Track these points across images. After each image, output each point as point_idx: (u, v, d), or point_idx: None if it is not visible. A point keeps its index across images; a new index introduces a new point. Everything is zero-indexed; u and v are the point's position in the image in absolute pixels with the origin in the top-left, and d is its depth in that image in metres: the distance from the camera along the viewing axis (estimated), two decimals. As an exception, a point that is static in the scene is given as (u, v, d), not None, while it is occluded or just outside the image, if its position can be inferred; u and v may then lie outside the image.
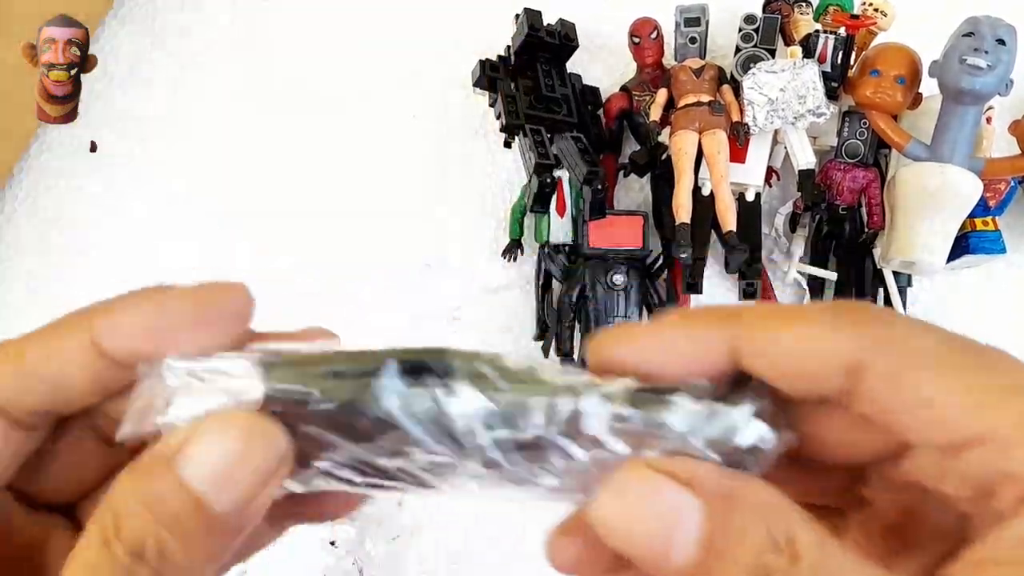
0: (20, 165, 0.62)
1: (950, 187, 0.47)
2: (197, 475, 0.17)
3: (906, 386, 0.18)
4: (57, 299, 0.61)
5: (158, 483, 0.17)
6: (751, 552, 0.17)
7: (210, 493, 0.17)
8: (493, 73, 0.55)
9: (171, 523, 0.17)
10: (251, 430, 0.18)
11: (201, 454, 0.17)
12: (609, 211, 0.53)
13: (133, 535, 0.17)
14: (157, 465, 0.17)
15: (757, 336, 0.19)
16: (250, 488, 0.17)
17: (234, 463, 0.17)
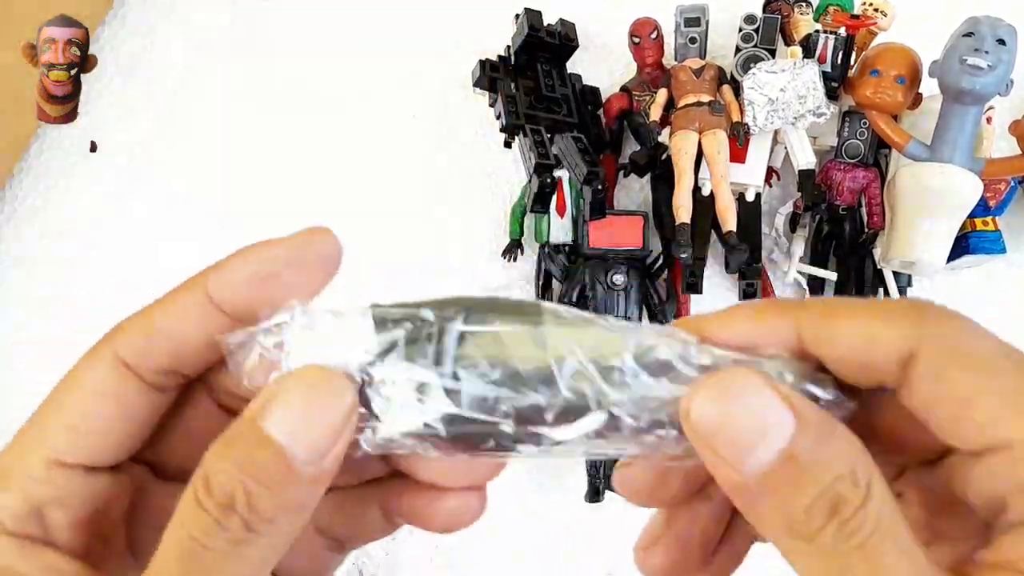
0: (20, 165, 0.62)
1: (950, 187, 0.47)
2: (277, 428, 0.18)
3: (948, 382, 0.18)
4: (57, 299, 0.61)
5: (244, 439, 0.18)
6: (830, 475, 0.17)
7: (290, 445, 0.18)
8: (493, 73, 0.55)
9: (257, 474, 0.18)
10: (322, 384, 0.19)
11: (280, 409, 0.18)
12: (609, 211, 0.53)
13: (222, 489, 0.18)
14: (243, 424, 0.19)
15: (821, 324, 0.19)
16: (325, 438, 0.18)
17: (309, 415, 0.18)
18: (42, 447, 0.20)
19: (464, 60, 0.57)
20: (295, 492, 0.18)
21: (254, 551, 0.18)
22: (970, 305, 0.56)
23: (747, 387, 0.18)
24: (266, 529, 0.18)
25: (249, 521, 0.18)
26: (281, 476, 0.18)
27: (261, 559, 0.18)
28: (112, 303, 0.60)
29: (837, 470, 0.18)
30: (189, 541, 0.18)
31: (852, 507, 0.17)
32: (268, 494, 0.18)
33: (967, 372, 0.18)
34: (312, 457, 0.18)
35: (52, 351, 0.60)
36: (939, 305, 0.19)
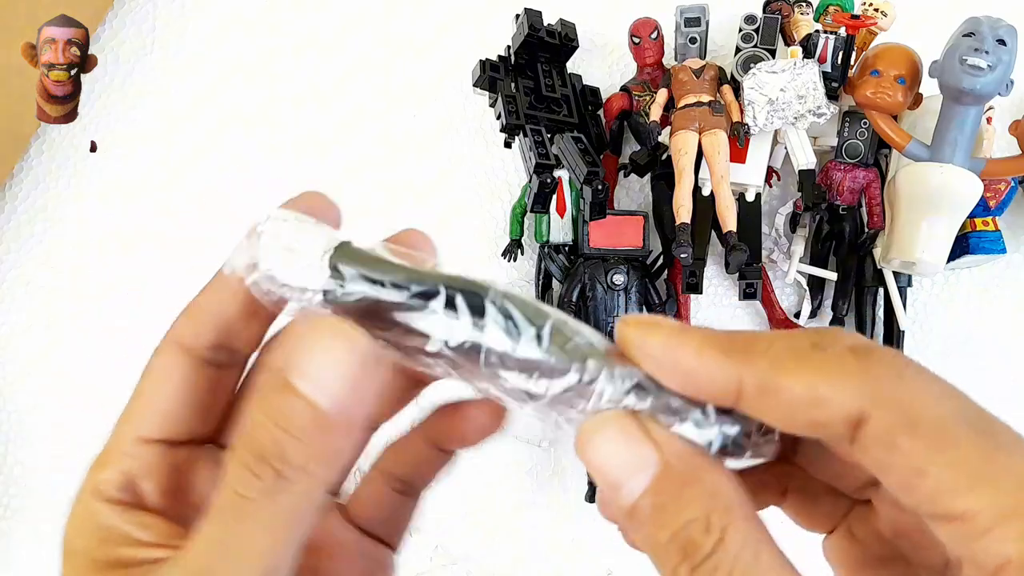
0: (20, 165, 0.62)
1: (950, 187, 0.47)
2: (302, 380, 0.19)
3: (900, 452, 0.18)
4: (57, 299, 0.61)
5: (274, 394, 0.20)
6: (682, 520, 0.19)
7: (314, 393, 0.19)
8: (493, 73, 0.55)
9: (287, 425, 0.19)
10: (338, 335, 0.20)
11: (303, 361, 0.20)
12: (609, 211, 0.53)
13: (255, 441, 0.19)
14: (272, 378, 0.20)
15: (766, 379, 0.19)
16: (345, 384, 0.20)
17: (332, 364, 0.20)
18: (130, 427, 0.23)
19: (464, 60, 0.57)
20: (324, 441, 0.19)
21: (287, 499, 0.19)
22: (970, 305, 0.57)
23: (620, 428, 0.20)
24: (297, 476, 0.19)
25: (280, 470, 0.19)
26: (309, 426, 0.19)
27: (295, 507, 0.19)
28: (113, 303, 0.61)
29: (691, 515, 0.19)
30: (230, 494, 0.19)
31: (703, 553, 0.18)
32: (297, 443, 0.19)
33: (919, 441, 0.18)
34: (336, 404, 0.19)
35: (53, 350, 0.61)
36: (890, 357, 0.19)
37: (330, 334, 0.20)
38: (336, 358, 0.20)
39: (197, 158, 0.62)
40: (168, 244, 0.61)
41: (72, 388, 0.59)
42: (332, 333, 0.20)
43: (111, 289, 0.61)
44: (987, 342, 0.56)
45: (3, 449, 0.59)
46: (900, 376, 0.19)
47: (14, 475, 0.58)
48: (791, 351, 0.19)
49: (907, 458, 0.18)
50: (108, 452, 0.23)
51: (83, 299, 0.61)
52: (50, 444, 0.59)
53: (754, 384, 0.19)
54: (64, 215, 0.62)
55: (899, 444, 0.18)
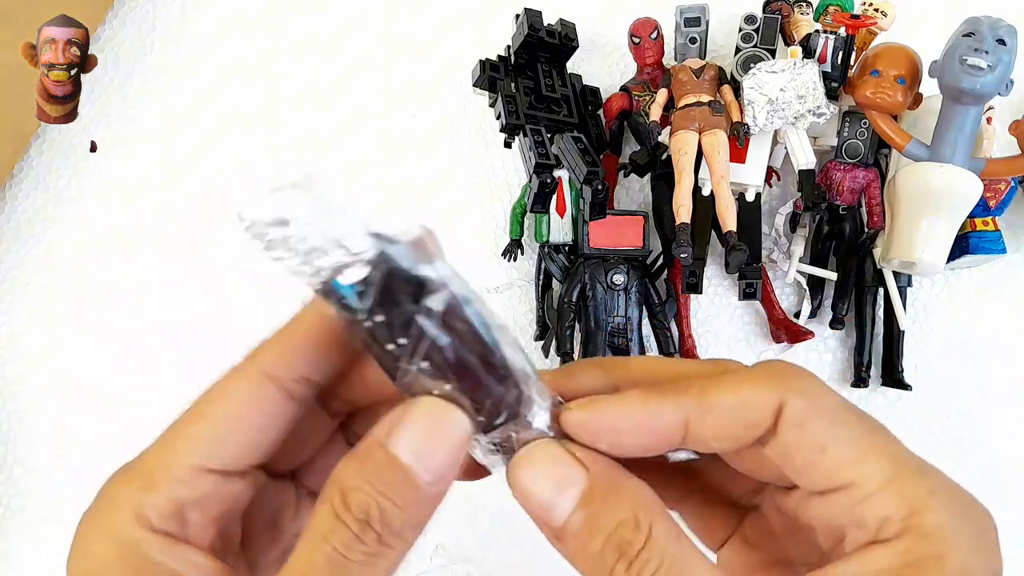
0: (20, 165, 0.62)
1: (950, 187, 0.47)
2: (405, 453, 0.21)
3: (808, 430, 0.22)
4: (57, 299, 0.61)
5: (375, 461, 0.21)
6: (614, 523, 0.21)
7: (416, 466, 0.21)
8: (493, 73, 0.55)
9: (389, 493, 0.20)
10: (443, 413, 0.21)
11: (406, 435, 0.21)
12: (609, 211, 0.53)
13: (359, 506, 0.20)
14: (373, 447, 0.21)
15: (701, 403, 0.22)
16: (446, 460, 0.21)
17: (432, 441, 0.21)
18: (188, 453, 0.22)
19: (464, 60, 0.57)
20: (419, 509, 0.21)
21: (384, 563, 0.21)
22: (970, 305, 0.57)
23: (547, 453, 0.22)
24: (396, 543, 0.21)
25: (383, 535, 0.20)
26: (408, 495, 0.21)
27: (388, 570, 0.21)
28: (113, 303, 0.61)
29: (620, 516, 0.21)
30: (333, 552, 0.20)
31: (635, 548, 0.20)
32: (399, 512, 0.20)
33: (822, 421, 0.22)
34: (434, 478, 0.21)
35: (53, 350, 0.61)
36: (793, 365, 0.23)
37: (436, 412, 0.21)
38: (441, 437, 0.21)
39: (197, 158, 0.62)
40: (168, 244, 0.61)
41: (72, 388, 0.59)
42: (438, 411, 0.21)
43: (111, 289, 0.61)
44: (987, 342, 0.56)
45: (3, 449, 0.59)
46: (798, 375, 0.23)
47: (14, 475, 0.58)
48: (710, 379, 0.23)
49: (813, 436, 0.22)
50: (156, 475, 0.22)
51: (83, 299, 0.61)
52: (50, 444, 0.59)
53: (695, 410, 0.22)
54: (64, 215, 0.62)
55: (807, 425, 0.22)
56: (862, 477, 0.21)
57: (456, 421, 0.21)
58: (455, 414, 0.21)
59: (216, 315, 0.59)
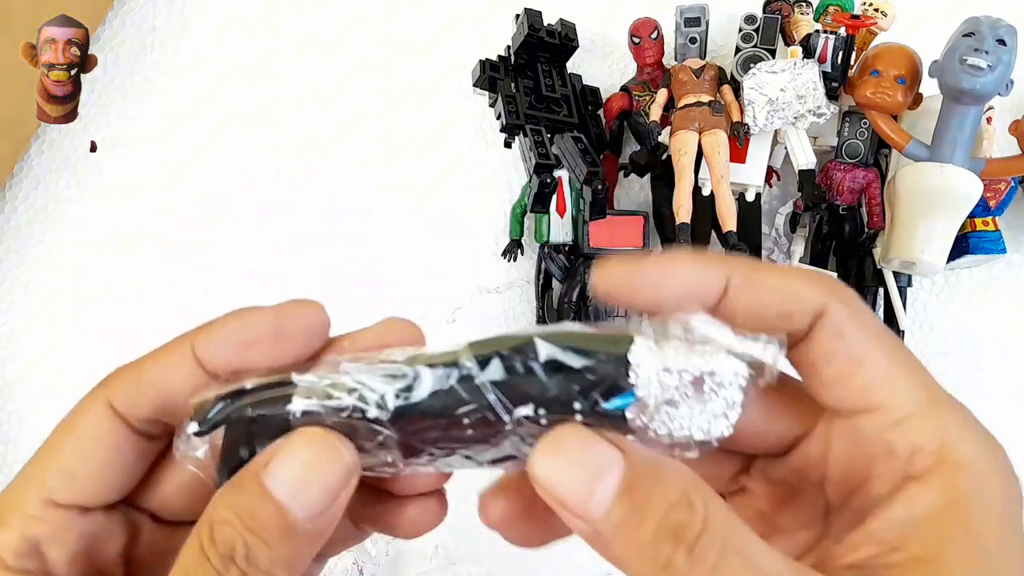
0: (20, 165, 0.62)
1: (950, 187, 0.47)
2: (279, 487, 0.19)
3: (847, 340, 0.21)
4: (57, 299, 0.61)
5: (247, 494, 0.19)
6: (665, 505, 0.18)
7: (290, 502, 0.19)
8: (493, 73, 0.55)
9: (257, 528, 0.19)
10: (323, 446, 0.20)
11: (282, 468, 0.19)
12: (609, 211, 0.53)
13: (224, 540, 0.19)
14: (247, 479, 0.20)
15: (750, 275, 0.21)
16: (323, 497, 0.20)
17: (309, 476, 0.19)
18: (39, 488, 0.22)
19: (464, 60, 0.57)
20: (291, 547, 0.19)
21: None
22: (970, 305, 0.57)
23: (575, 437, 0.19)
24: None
25: (247, 573, 0.19)
26: (279, 532, 0.19)
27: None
28: (113, 303, 0.61)
29: (672, 497, 0.18)
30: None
31: (694, 532, 0.18)
32: (266, 548, 0.19)
33: (863, 333, 0.21)
34: (310, 516, 0.19)
35: (53, 350, 0.61)
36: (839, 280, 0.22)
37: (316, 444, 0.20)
38: (319, 471, 0.20)
39: (197, 158, 0.62)
40: (168, 244, 0.61)
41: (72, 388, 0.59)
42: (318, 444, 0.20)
43: (111, 289, 0.61)
44: (987, 342, 0.56)
45: (3, 449, 0.59)
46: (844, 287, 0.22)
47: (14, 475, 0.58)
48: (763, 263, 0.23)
49: (851, 347, 0.21)
50: (5, 512, 0.22)
51: (83, 299, 0.61)
52: (50, 444, 0.59)
53: (740, 277, 0.21)
54: (64, 215, 0.62)
55: (847, 333, 0.21)
56: (896, 399, 0.20)
57: (338, 457, 0.20)
58: (338, 449, 0.20)
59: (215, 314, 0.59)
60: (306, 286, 0.59)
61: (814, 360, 0.21)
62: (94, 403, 0.22)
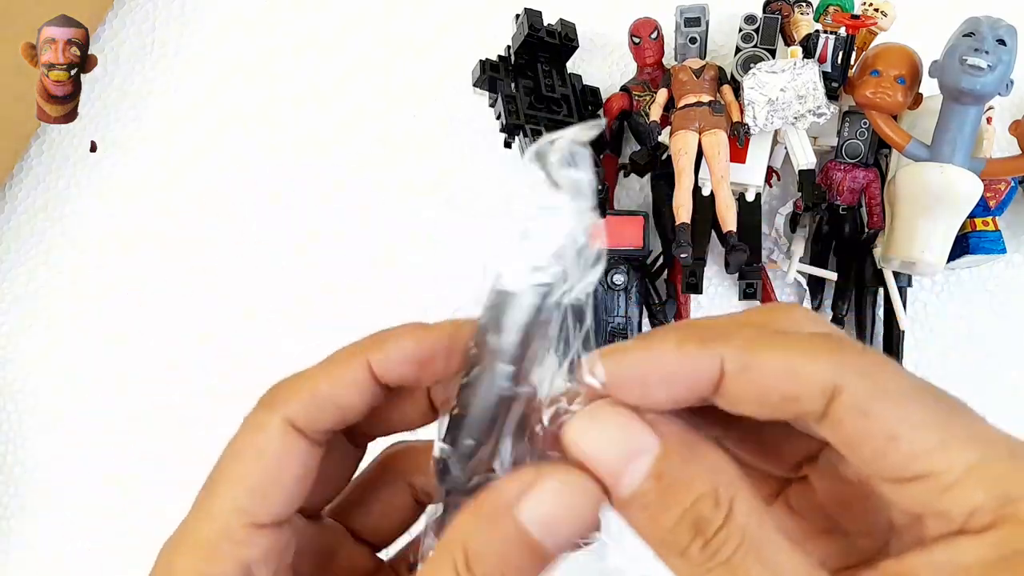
0: (20, 165, 0.62)
1: (950, 187, 0.47)
2: (535, 524, 0.19)
3: (873, 418, 0.19)
4: (57, 299, 0.61)
5: (503, 530, 0.20)
6: (691, 497, 0.19)
7: (544, 538, 0.20)
8: (493, 73, 0.55)
9: (514, 563, 0.19)
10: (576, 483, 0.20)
11: (539, 506, 0.20)
12: (609, 211, 0.53)
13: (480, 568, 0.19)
14: (501, 512, 0.20)
15: (745, 356, 0.20)
16: (574, 531, 0.20)
17: (563, 512, 0.20)
18: (237, 512, 0.22)
19: (464, 60, 0.57)
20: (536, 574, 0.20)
21: None
22: (970, 305, 0.57)
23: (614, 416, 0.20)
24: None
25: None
26: (532, 567, 0.20)
27: None
28: (113, 303, 0.61)
29: (698, 490, 0.19)
30: None
31: (714, 526, 0.18)
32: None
33: (891, 407, 0.19)
34: (558, 550, 0.20)
35: (53, 350, 0.61)
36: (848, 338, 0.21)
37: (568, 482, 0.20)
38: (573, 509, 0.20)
39: (197, 158, 0.62)
40: (168, 244, 0.61)
41: (72, 388, 0.59)
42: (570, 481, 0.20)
43: (111, 289, 0.61)
44: (987, 342, 0.56)
45: (3, 449, 0.59)
46: (863, 353, 0.20)
47: (14, 475, 0.58)
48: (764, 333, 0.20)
49: (881, 424, 0.19)
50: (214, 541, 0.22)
51: (83, 299, 0.61)
52: (50, 445, 0.59)
53: (735, 364, 0.20)
54: (64, 215, 0.62)
55: (873, 412, 0.19)
56: (943, 465, 0.19)
57: (589, 492, 0.20)
58: (589, 484, 0.20)
59: (216, 315, 0.59)
60: (306, 286, 0.59)
61: (843, 439, 0.20)
62: (269, 422, 0.23)
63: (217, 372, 0.58)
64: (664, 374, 0.20)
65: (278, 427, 0.22)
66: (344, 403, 0.23)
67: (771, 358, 0.20)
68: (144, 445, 0.58)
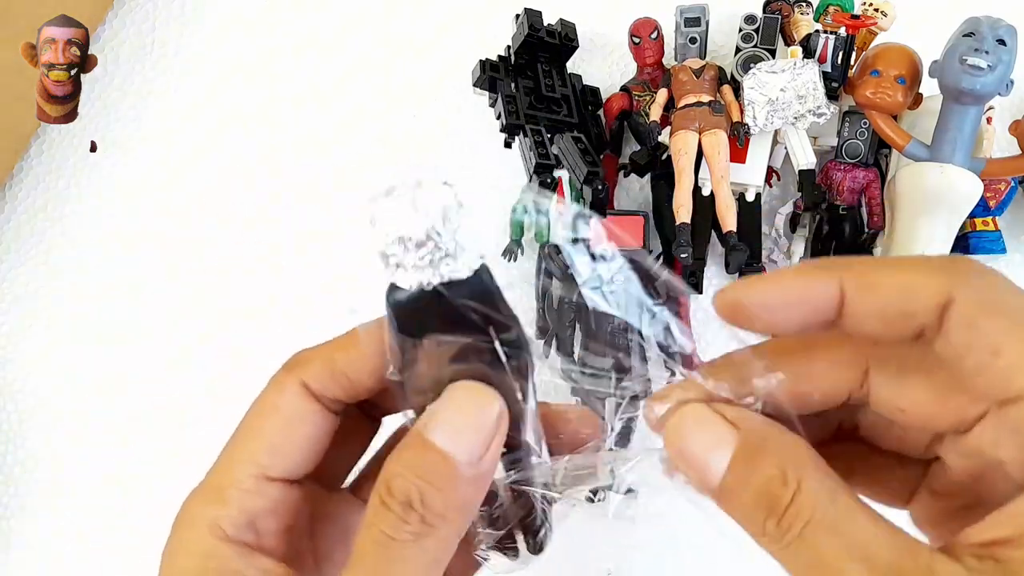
0: (20, 165, 0.62)
1: (950, 187, 0.47)
2: (440, 437, 0.22)
3: (979, 331, 0.20)
4: (57, 299, 0.61)
5: (414, 448, 0.22)
6: (763, 477, 0.21)
7: (451, 450, 0.22)
8: (493, 73, 0.55)
9: (426, 475, 0.21)
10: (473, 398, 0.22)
11: (442, 421, 0.22)
12: (609, 211, 0.53)
13: (400, 490, 0.21)
14: (412, 436, 0.22)
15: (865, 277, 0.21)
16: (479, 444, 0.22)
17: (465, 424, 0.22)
18: (251, 464, 0.24)
19: (464, 60, 0.57)
20: (459, 490, 0.22)
21: (431, 542, 0.22)
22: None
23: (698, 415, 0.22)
24: (439, 523, 0.21)
25: (424, 516, 0.21)
26: (446, 477, 0.22)
27: (437, 550, 0.22)
28: (113, 303, 0.61)
29: (769, 472, 0.21)
30: (380, 535, 0.21)
31: (783, 503, 0.20)
32: (437, 492, 0.21)
33: (996, 321, 0.20)
34: (470, 459, 0.22)
35: (53, 350, 0.61)
36: (975, 260, 0.21)
37: (467, 395, 0.22)
38: (473, 418, 0.22)
39: (197, 158, 0.62)
40: (168, 244, 0.61)
41: (72, 388, 0.59)
42: (469, 394, 0.22)
43: (111, 289, 0.61)
44: None
45: (3, 449, 0.59)
46: (980, 272, 0.21)
47: (14, 475, 0.58)
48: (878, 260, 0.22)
49: (986, 337, 0.20)
50: (224, 487, 0.24)
51: (83, 299, 0.61)
52: (50, 445, 0.59)
53: (854, 285, 0.21)
54: (64, 215, 0.62)
55: (980, 324, 0.20)
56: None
57: (488, 404, 0.22)
58: (487, 397, 0.22)
59: (216, 315, 0.59)
60: (306, 286, 0.59)
61: (952, 353, 0.21)
62: (290, 384, 0.24)
63: (217, 372, 0.58)
64: (788, 299, 0.22)
65: (295, 389, 0.24)
66: (355, 378, 0.25)
67: (888, 275, 0.21)
68: (144, 445, 0.58)
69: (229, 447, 0.24)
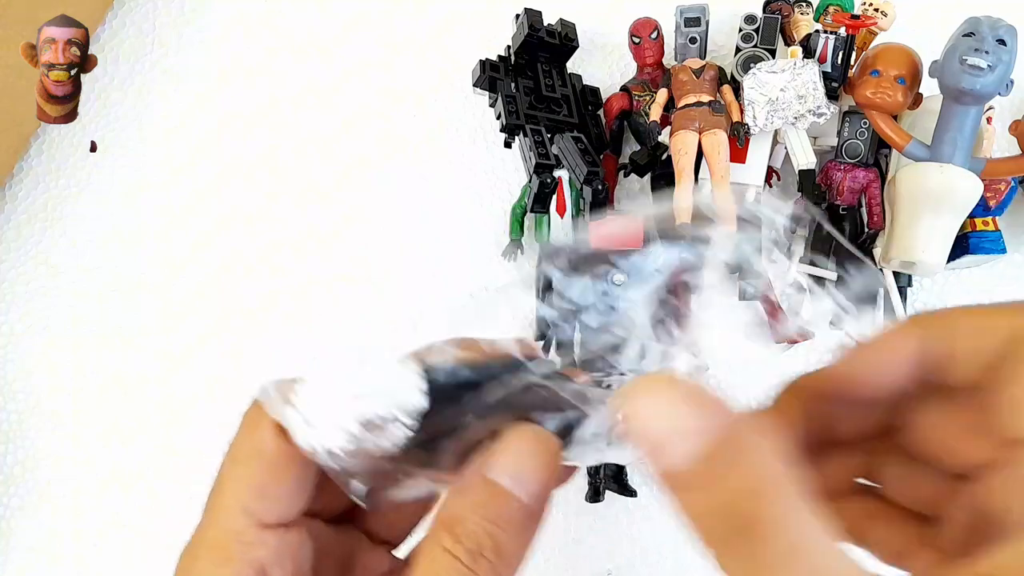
0: (20, 165, 0.62)
1: (950, 187, 0.47)
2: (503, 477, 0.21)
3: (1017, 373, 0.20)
4: (57, 299, 0.61)
5: (476, 490, 0.21)
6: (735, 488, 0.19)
7: (517, 489, 0.21)
8: (493, 73, 0.55)
9: (494, 518, 0.21)
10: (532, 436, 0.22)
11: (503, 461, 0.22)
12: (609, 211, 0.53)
13: (469, 536, 0.20)
14: (472, 478, 0.21)
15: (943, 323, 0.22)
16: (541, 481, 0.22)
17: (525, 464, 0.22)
18: (243, 514, 0.22)
19: (464, 60, 0.57)
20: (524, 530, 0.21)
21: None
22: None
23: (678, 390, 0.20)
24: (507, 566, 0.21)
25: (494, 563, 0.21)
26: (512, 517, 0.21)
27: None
28: (113, 303, 0.61)
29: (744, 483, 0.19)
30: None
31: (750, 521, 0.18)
32: (507, 536, 0.21)
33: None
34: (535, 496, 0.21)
35: (53, 350, 0.61)
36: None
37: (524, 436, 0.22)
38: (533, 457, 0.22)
39: (197, 158, 0.62)
40: (168, 244, 0.61)
41: (72, 388, 0.59)
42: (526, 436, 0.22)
43: (111, 289, 0.61)
44: None
45: (3, 449, 0.59)
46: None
47: (14, 475, 0.58)
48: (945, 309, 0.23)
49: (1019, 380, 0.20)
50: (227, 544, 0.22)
51: (83, 299, 0.61)
52: (50, 445, 0.59)
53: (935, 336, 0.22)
54: (64, 215, 0.62)
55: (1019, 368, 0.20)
56: None
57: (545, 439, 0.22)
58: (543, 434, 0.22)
59: (216, 315, 0.59)
60: (304, 286, 0.59)
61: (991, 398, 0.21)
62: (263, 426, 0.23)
63: (217, 372, 0.58)
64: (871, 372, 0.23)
65: (271, 429, 0.22)
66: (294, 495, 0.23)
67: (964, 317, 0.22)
68: (144, 445, 0.58)
69: (216, 497, 0.23)
